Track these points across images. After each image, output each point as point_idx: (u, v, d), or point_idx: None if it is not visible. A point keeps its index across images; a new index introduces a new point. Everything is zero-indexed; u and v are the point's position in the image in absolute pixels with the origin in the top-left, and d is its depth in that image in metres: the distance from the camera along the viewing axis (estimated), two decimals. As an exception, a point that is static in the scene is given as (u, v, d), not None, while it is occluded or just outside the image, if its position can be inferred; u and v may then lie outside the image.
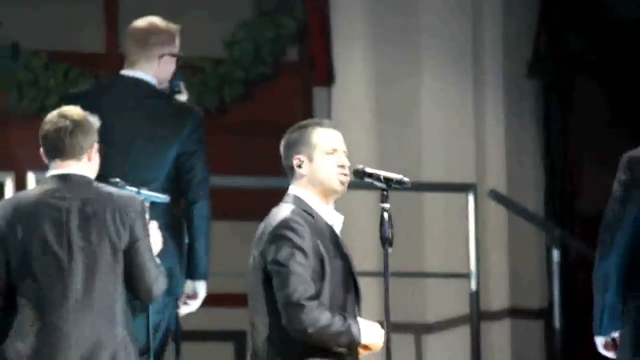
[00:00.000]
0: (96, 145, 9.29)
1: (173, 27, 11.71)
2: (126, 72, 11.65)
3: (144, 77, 11.68)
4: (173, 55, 11.62)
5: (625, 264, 9.30)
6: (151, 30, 11.72)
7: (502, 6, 15.63)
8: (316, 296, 8.41)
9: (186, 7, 14.68)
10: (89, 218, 9.13)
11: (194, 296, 11.32)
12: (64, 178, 9.09)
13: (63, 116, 9.26)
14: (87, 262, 9.11)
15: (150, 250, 9.32)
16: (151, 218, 9.63)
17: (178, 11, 13.73)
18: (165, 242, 10.03)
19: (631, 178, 9.28)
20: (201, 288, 11.39)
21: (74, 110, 9.33)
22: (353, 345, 8.64)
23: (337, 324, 8.53)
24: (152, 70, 11.65)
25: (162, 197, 10.35)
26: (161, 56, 11.63)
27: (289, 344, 8.67)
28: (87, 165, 9.19)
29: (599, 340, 9.38)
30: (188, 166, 11.56)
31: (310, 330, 8.43)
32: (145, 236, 9.25)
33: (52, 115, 9.23)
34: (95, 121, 9.30)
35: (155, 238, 9.44)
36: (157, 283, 9.35)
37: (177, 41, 11.66)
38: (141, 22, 11.72)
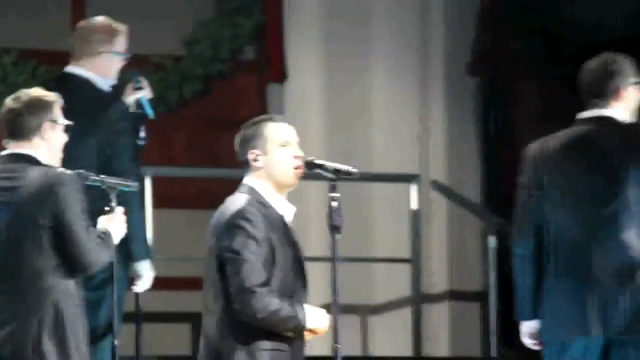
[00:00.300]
0: (50, 125, 9.26)
1: (118, 26, 11.74)
2: (70, 68, 11.74)
3: (83, 74, 11.70)
4: (115, 52, 11.63)
5: (539, 250, 9.55)
6: (93, 28, 11.74)
7: (446, 10, 15.62)
8: (267, 283, 8.51)
9: (148, 8, 14.76)
10: (19, 194, 9.13)
11: (139, 277, 11.34)
12: (10, 157, 9.13)
13: (15, 98, 9.31)
14: (10, 236, 9.15)
15: (81, 224, 9.14)
16: (102, 204, 9.56)
17: (140, 11, 14.17)
18: None
19: (534, 176, 9.61)
20: (144, 268, 11.37)
21: (29, 92, 9.36)
22: (299, 329, 8.76)
23: (285, 309, 8.67)
24: (94, 67, 11.69)
25: (131, 185, 9.97)
26: (99, 53, 11.65)
27: (240, 327, 8.77)
28: (40, 145, 9.24)
29: (522, 327, 9.62)
30: (112, 155, 11.55)
31: (260, 315, 8.58)
32: (75, 212, 9.14)
33: (8, 98, 9.29)
34: (52, 101, 9.31)
35: (119, 223, 9.38)
36: (90, 256, 9.22)
37: (122, 40, 11.66)
38: (85, 21, 11.87)
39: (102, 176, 9.73)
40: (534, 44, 16.07)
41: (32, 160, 9.22)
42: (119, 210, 9.60)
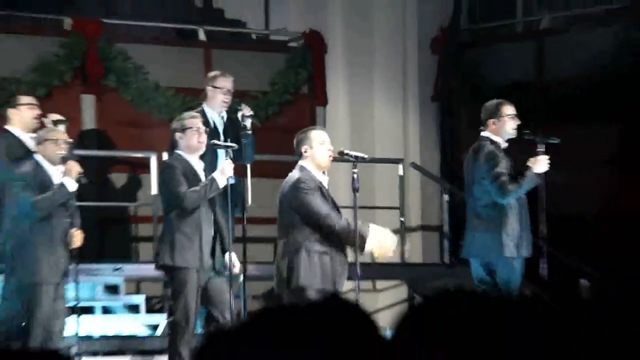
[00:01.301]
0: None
1: (217, 73, 12.39)
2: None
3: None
4: (215, 87, 12.12)
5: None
6: (208, 75, 12.54)
7: (420, 62, 16.41)
8: (329, 212, 10.31)
9: (248, 64, 15.15)
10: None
11: (234, 263, 11.12)
12: None
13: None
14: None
15: None
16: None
17: (244, 67, 14.78)
18: None
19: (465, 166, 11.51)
20: (234, 256, 11.11)
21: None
22: (363, 241, 10.38)
23: (349, 226, 10.40)
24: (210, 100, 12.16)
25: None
26: (207, 89, 12.22)
27: (299, 245, 10.36)
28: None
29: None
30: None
31: (337, 227, 10.32)
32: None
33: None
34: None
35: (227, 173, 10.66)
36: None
37: (222, 81, 12.20)
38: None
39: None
40: (467, 84, 16.41)
41: None
42: (228, 163, 10.81)
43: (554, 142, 11.24)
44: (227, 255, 10.93)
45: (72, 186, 10.63)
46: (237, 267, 10.99)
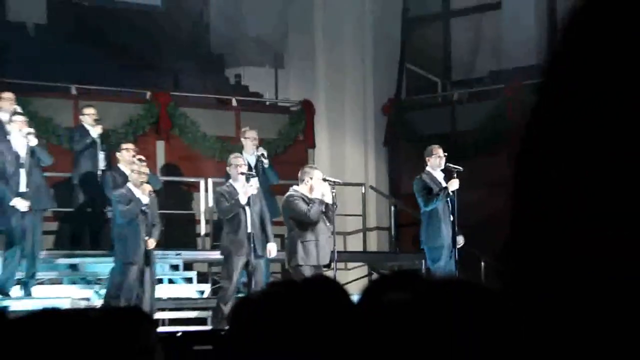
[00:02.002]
0: None
1: (247, 129, 12.35)
2: None
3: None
4: (246, 138, 12.09)
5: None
6: (242, 130, 12.51)
7: (375, 113, 16.01)
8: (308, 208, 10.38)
9: (264, 121, 14.45)
10: None
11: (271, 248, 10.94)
12: None
13: None
14: None
15: None
16: None
17: (262, 123, 13.87)
18: None
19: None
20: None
21: None
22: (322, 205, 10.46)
23: (313, 206, 10.47)
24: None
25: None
26: (241, 139, 12.17)
27: (294, 234, 10.48)
28: None
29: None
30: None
31: (310, 213, 10.40)
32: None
33: None
34: None
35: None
36: None
37: (249, 133, 12.10)
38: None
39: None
40: (405, 135, 15.75)
41: None
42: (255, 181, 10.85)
43: (459, 169, 11.27)
44: (268, 244, 10.91)
45: (144, 200, 10.61)
46: (273, 253, 10.96)
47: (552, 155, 0.74)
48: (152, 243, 10.76)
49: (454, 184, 11.19)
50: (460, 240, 11.30)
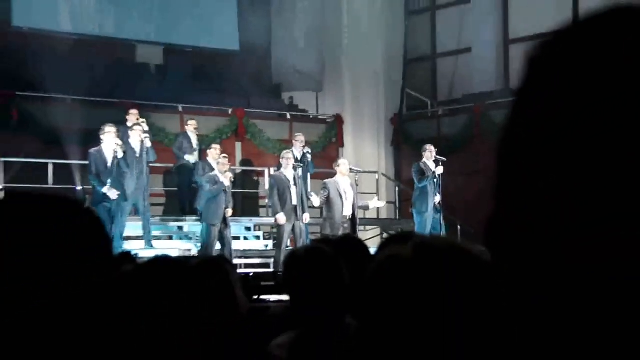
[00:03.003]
0: None
1: (297, 134, 12.05)
2: None
3: None
4: (296, 140, 11.70)
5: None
6: (294, 134, 12.37)
7: (386, 123, 15.87)
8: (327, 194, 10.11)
9: (309, 129, 14.24)
10: None
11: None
12: None
13: None
14: None
15: None
16: None
17: (306, 130, 13.61)
18: None
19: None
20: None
21: None
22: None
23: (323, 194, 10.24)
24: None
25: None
26: (293, 141, 11.78)
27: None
28: None
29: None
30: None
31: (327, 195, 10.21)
32: None
33: None
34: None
35: None
36: None
37: (299, 137, 11.75)
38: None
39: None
40: (406, 138, 15.54)
41: None
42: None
43: (443, 159, 11.02)
44: (305, 214, 10.62)
45: (227, 183, 10.46)
46: (307, 219, 10.65)
47: (521, 161, 0.60)
48: (229, 212, 10.64)
49: (439, 169, 11.01)
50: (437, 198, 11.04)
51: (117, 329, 1.28)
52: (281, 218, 10.30)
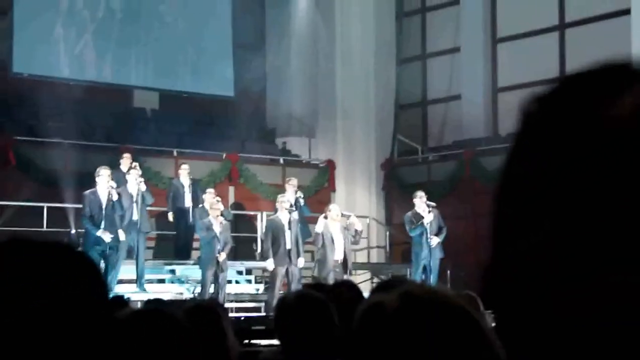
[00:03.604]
0: None
1: (290, 178, 11.93)
2: None
3: None
4: (289, 184, 11.62)
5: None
6: (286, 179, 12.10)
7: (377, 170, 15.68)
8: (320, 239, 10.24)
9: (302, 174, 13.73)
10: None
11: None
12: None
13: None
14: None
15: None
16: None
17: (299, 176, 13.03)
18: None
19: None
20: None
21: None
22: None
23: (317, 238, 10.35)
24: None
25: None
26: (286, 185, 11.68)
27: None
28: None
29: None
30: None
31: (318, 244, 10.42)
32: None
33: None
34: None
35: None
36: None
37: (292, 181, 11.61)
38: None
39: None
40: (396, 183, 15.40)
41: None
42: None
43: (434, 205, 11.09)
44: (299, 258, 10.55)
45: (217, 229, 10.40)
46: (301, 264, 10.59)
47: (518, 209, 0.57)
48: (222, 256, 10.56)
49: (428, 217, 11.01)
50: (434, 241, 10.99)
51: None
52: (269, 264, 10.26)
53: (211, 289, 10.35)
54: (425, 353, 0.86)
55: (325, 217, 10.36)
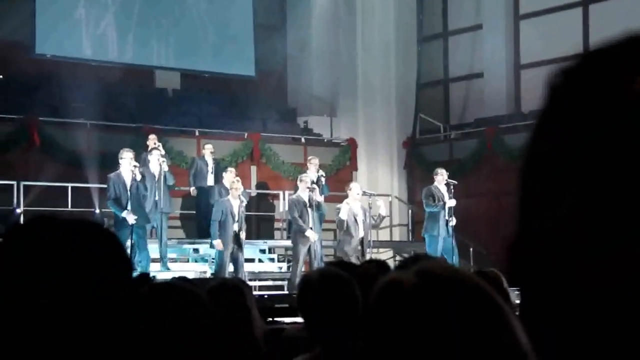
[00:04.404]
0: None
1: (312, 157, 11.99)
2: None
3: None
4: (310, 163, 11.67)
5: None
6: (308, 158, 12.14)
7: (398, 147, 15.73)
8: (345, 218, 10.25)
9: (324, 153, 14.15)
10: None
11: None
12: None
13: None
14: None
15: None
16: None
17: (322, 155, 13.61)
18: None
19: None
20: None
21: None
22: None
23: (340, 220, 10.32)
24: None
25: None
26: (307, 164, 11.71)
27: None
28: None
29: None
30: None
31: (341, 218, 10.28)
32: None
33: None
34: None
35: None
36: None
37: (313, 160, 11.63)
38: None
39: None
40: (418, 161, 15.41)
41: None
42: None
43: (455, 183, 11.04)
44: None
45: (235, 208, 10.36)
46: (315, 238, 10.48)
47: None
48: (243, 235, 10.55)
49: (451, 202, 10.92)
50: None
51: (135, 350, 1.27)
52: (311, 234, 10.24)
53: (230, 268, 10.33)
54: (441, 331, 0.85)
55: (347, 203, 10.39)
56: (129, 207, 9.54)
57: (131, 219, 9.58)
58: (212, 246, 10.56)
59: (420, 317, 0.86)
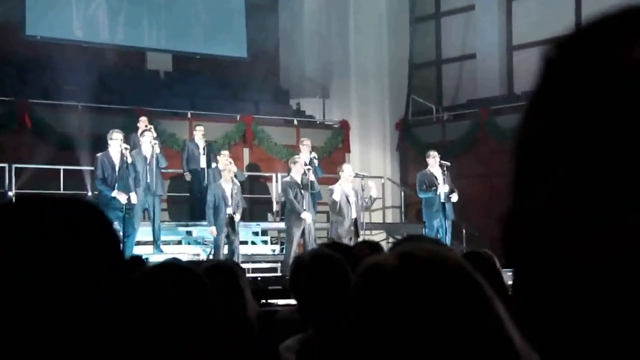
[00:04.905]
0: None
1: (304, 139, 11.80)
2: None
3: None
4: (303, 145, 11.64)
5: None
6: (301, 139, 12.08)
7: (391, 129, 15.73)
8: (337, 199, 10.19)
9: (317, 135, 14.13)
10: None
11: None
12: None
13: None
14: None
15: None
16: None
17: (314, 137, 13.54)
18: None
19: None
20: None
21: None
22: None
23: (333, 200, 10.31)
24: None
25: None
26: (300, 146, 11.67)
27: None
28: None
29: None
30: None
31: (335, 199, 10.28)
32: None
33: None
34: None
35: None
36: None
37: (306, 142, 11.59)
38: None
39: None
40: (411, 143, 15.44)
41: None
42: None
43: (448, 164, 10.96)
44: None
45: (228, 191, 10.32)
46: (309, 221, 10.45)
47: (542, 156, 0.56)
48: (237, 217, 10.54)
49: (444, 188, 10.81)
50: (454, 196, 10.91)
51: (126, 332, 1.27)
52: (307, 216, 10.18)
53: (225, 251, 10.31)
54: (423, 314, 0.85)
55: (340, 185, 10.39)
56: (117, 187, 9.54)
57: (123, 198, 9.52)
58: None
59: (402, 300, 0.86)
